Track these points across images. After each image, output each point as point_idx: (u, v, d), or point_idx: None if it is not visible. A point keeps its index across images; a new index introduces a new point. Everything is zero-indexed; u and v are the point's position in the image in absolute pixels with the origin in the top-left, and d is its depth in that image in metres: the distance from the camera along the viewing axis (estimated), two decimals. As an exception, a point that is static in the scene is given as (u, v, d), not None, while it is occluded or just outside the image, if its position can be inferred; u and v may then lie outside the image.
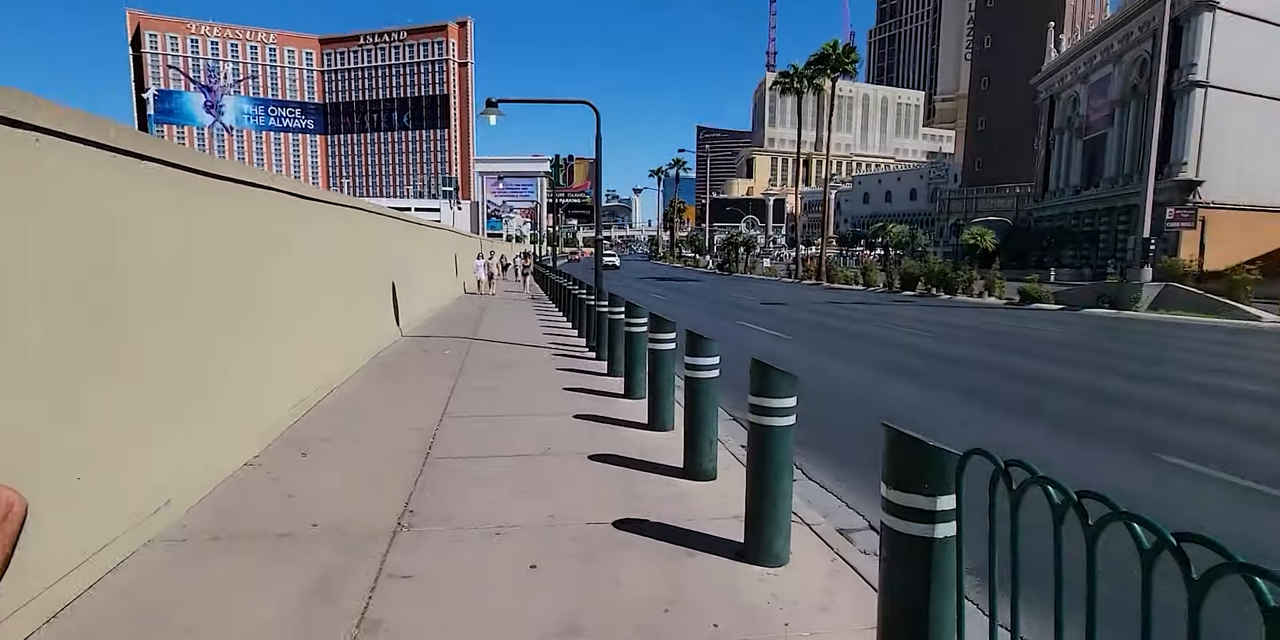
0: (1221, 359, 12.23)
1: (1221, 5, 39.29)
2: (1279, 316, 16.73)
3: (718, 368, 4.92)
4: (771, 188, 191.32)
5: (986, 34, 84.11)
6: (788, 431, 3.62)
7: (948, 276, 26.08)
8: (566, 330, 14.33)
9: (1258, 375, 10.71)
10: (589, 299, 11.87)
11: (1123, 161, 49.49)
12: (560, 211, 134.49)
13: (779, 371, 3.62)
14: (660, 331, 6.43)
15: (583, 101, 12.45)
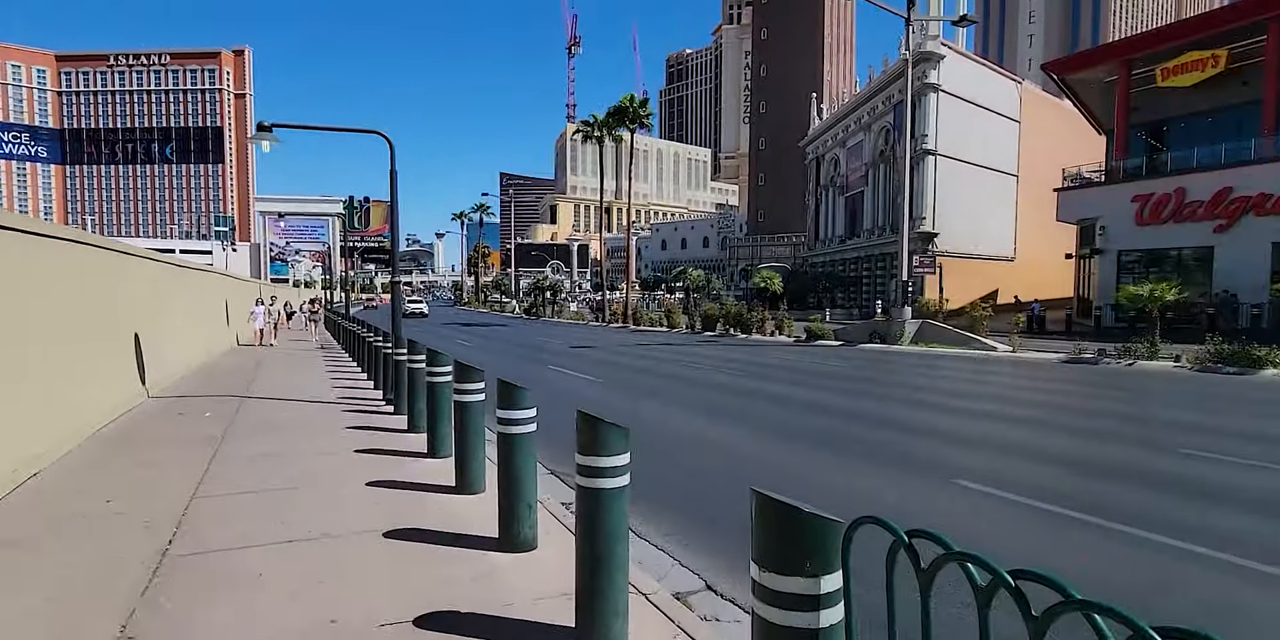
0: (976, 385, 13.87)
1: (942, 88, 46.96)
2: (1009, 347, 19.66)
3: (534, 420, 4.44)
4: (575, 233, 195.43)
5: (761, 100, 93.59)
6: (621, 493, 3.21)
7: (743, 317, 27.74)
8: (360, 382, 12.94)
9: (1009, 399, 12.18)
10: (385, 346, 10.78)
11: (877, 216, 56.75)
12: (356, 256, 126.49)
13: (609, 425, 3.22)
14: (467, 381, 5.77)
15: (374, 131, 11.44)
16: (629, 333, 33.04)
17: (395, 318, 11.50)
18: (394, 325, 11.10)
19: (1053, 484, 6.27)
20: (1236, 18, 29.70)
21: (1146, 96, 33.96)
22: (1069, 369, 16.49)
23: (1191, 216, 31.05)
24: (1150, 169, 33.35)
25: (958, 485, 6.18)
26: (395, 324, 11.26)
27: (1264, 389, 12.92)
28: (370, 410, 9.86)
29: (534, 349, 23.52)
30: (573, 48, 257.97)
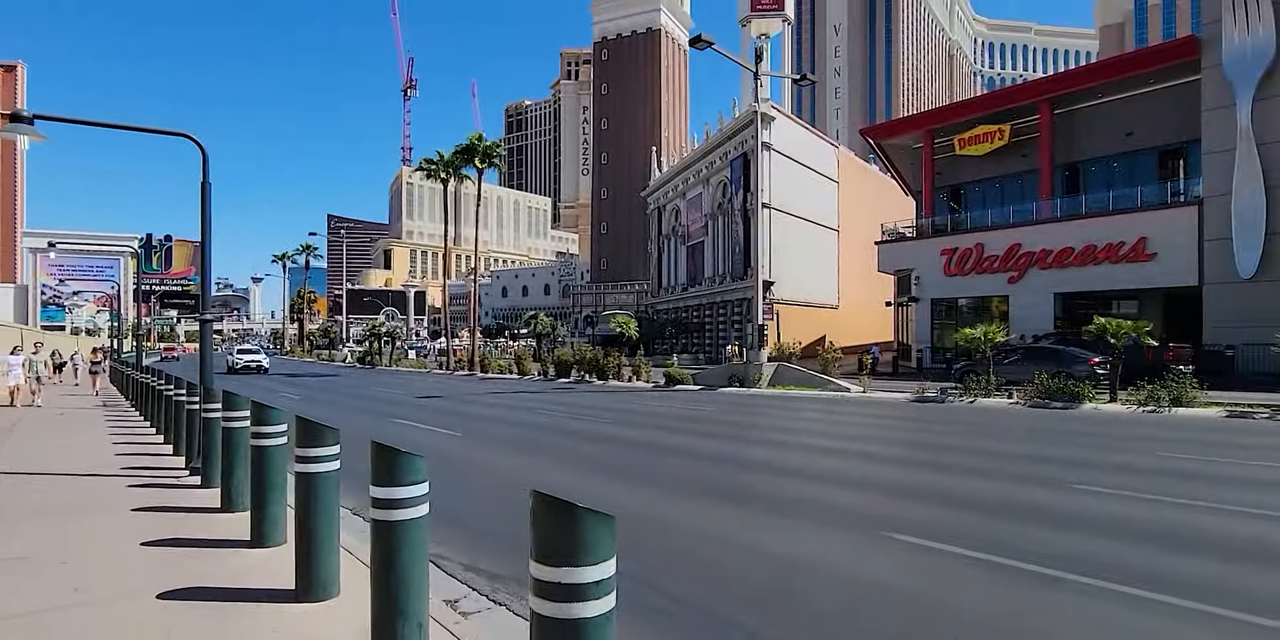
0: (844, 426, 13.95)
1: (774, 147, 50.37)
2: (860, 388, 20.43)
3: (336, 458, 4.23)
4: (411, 279, 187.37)
5: (603, 152, 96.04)
6: (419, 525, 3.10)
7: (599, 363, 26.98)
8: (155, 447, 10.53)
9: (882, 439, 12.21)
10: (190, 401, 8.76)
11: (718, 264, 59.11)
12: (154, 300, 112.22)
13: (402, 453, 3.19)
14: (266, 422, 5.08)
15: (182, 134, 9.30)
16: (478, 381, 31.10)
17: (204, 365, 9.45)
18: (202, 373, 9.08)
19: (968, 528, 5.89)
20: (1015, 98, 34.45)
21: (947, 162, 38.25)
22: (921, 408, 17.22)
23: (990, 268, 34.88)
24: (955, 226, 37.30)
25: (890, 538, 5.61)
26: (204, 372, 9.23)
27: (1097, 422, 14.05)
28: (168, 483, 7.81)
29: (374, 400, 21.16)
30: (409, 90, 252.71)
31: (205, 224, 8.23)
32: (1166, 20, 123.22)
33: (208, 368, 9.45)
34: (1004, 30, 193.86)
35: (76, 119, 7.92)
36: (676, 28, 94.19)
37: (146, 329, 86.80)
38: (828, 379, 21.17)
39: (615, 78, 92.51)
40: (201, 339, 9.68)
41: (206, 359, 9.52)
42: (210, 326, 10.09)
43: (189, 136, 8.73)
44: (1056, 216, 32.65)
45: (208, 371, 9.36)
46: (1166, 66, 29.21)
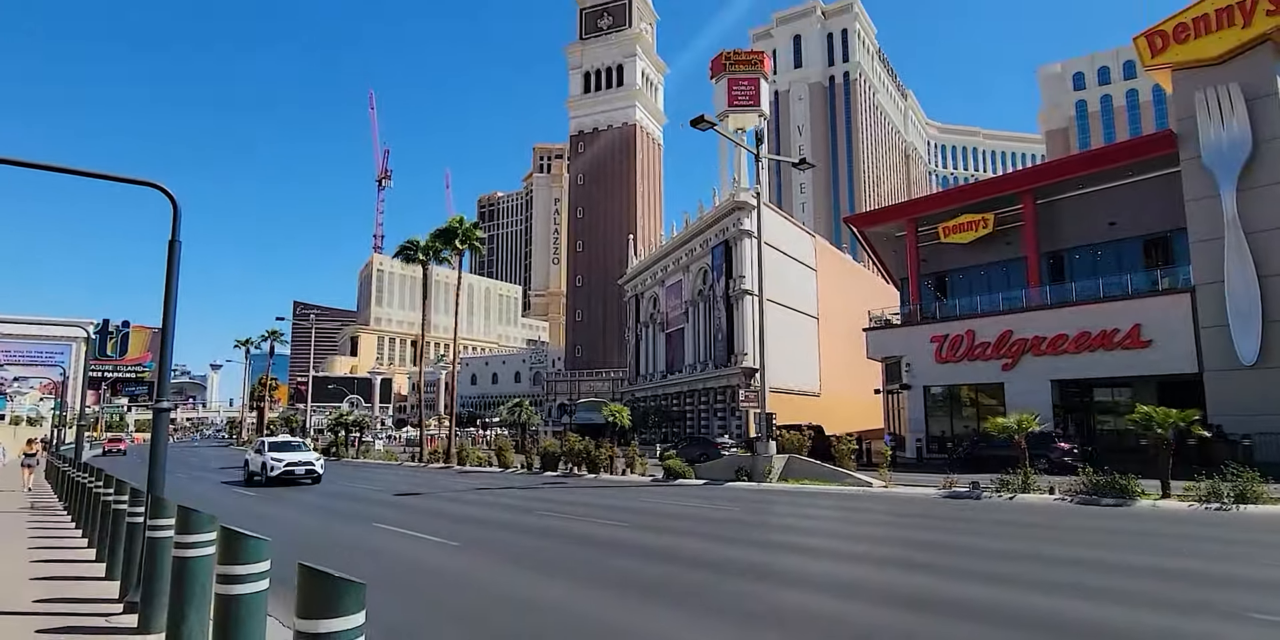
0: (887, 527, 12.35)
1: (755, 235, 50.78)
2: (883, 481, 18.84)
3: (265, 576, 3.84)
4: (378, 366, 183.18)
5: (579, 240, 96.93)
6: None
7: (591, 455, 25.06)
8: (85, 567, 8.54)
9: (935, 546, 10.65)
10: (133, 512, 6.98)
11: (699, 351, 58.18)
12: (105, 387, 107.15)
13: (339, 579, 2.78)
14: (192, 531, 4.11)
15: (151, 184, 8.09)
16: (456, 474, 28.73)
17: (156, 463, 7.67)
18: (152, 475, 7.31)
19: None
20: (999, 189, 35.19)
21: (931, 250, 38.52)
22: (957, 505, 15.69)
23: (983, 355, 34.31)
24: (943, 314, 37.04)
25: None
26: (155, 473, 7.46)
27: (1167, 521, 12.67)
28: (96, 629, 5.93)
29: (348, 499, 18.92)
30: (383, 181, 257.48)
31: (171, 286, 6.77)
32: (1106, 125, 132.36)
33: (160, 468, 7.66)
34: (954, 133, 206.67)
35: (33, 163, 6.62)
36: (651, 123, 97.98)
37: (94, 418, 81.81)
38: (845, 472, 19.60)
39: (591, 169, 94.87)
40: (156, 435, 7.93)
41: (159, 457, 7.76)
42: (165, 417, 8.34)
43: (159, 186, 7.42)
44: (1047, 303, 32.53)
45: (159, 473, 7.58)
46: (1144, 159, 30.09)
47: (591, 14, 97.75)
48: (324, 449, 49.88)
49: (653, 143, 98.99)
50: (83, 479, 12.59)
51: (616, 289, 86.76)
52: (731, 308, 51.19)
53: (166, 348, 7.57)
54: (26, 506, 16.44)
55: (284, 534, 12.18)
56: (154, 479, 7.52)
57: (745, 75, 55.70)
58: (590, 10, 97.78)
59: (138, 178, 6.88)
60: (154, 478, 7.54)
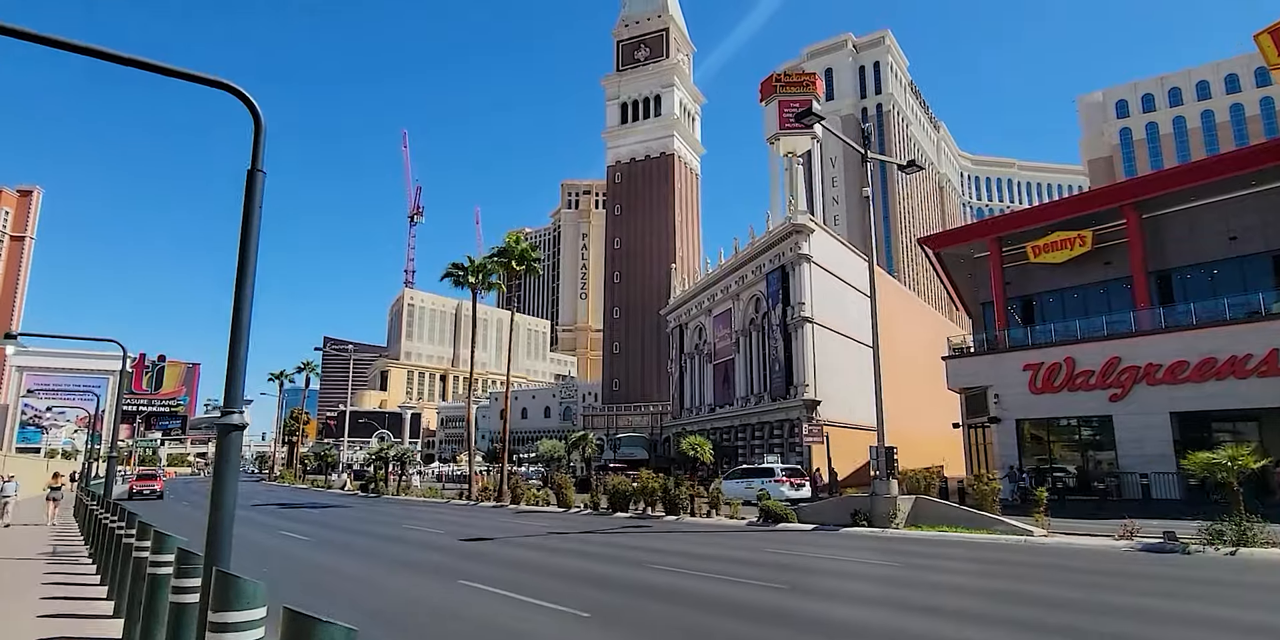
0: (1111, 601, 9.51)
1: (814, 259, 48.34)
2: (1043, 529, 15.84)
3: (259, 624, 3.49)
4: (408, 401, 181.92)
5: (616, 271, 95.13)
6: None
7: (671, 493, 22.26)
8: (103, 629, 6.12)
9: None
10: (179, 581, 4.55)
11: (752, 383, 55.18)
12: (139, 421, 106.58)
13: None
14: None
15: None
16: (514, 515, 26.06)
17: (218, 524, 4.97)
18: (213, 538, 4.75)
19: None
20: (1097, 203, 32.45)
21: (1015, 272, 35.71)
22: (1163, 562, 12.70)
23: (1085, 385, 31.13)
24: (1034, 339, 33.99)
25: None
26: (216, 535, 4.86)
27: None
28: None
29: (410, 545, 16.39)
30: (415, 216, 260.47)
31: (249, 235, 4.51)
32: (1153, 153, 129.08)
33: (224, 528, 4.88)
34: (988, 165, 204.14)
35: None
36: (688, 152, 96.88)
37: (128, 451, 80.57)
38: (993, 517, 16.61)
39: (628, 199, 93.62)
40: (221, 457, 5.36)
41: (224, 512, 4.98)
42: (237, 439, 5.88)
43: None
44: (1162, 327, 29.42)
45: (224, 536, 4.81)
46: (1270, 167, 27.28)
47: (628, 46, 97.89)
48: (362, 485, 47.56)
49: (690, 173, 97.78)
50: (111, 523, 10.27)
51: (656, 320, 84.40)
52: (790, 337, 48.42)
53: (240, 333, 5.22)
54: (48, 551, 14.16)
55: (357, 594, 9.67)
56: (216, 545, 4.80)
57: (797, 97, 54.06)
58: (627, 42, 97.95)
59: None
60: (216, 543, 4.82)
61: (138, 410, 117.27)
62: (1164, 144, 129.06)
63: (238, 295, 4.93)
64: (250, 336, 5.35)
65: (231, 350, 4.90)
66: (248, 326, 4.94)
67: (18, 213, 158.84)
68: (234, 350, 4.90)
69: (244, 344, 4.90)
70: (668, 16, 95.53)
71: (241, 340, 4.88)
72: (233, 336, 4.90)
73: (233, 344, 4.91)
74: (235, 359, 4.84)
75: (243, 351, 4.85)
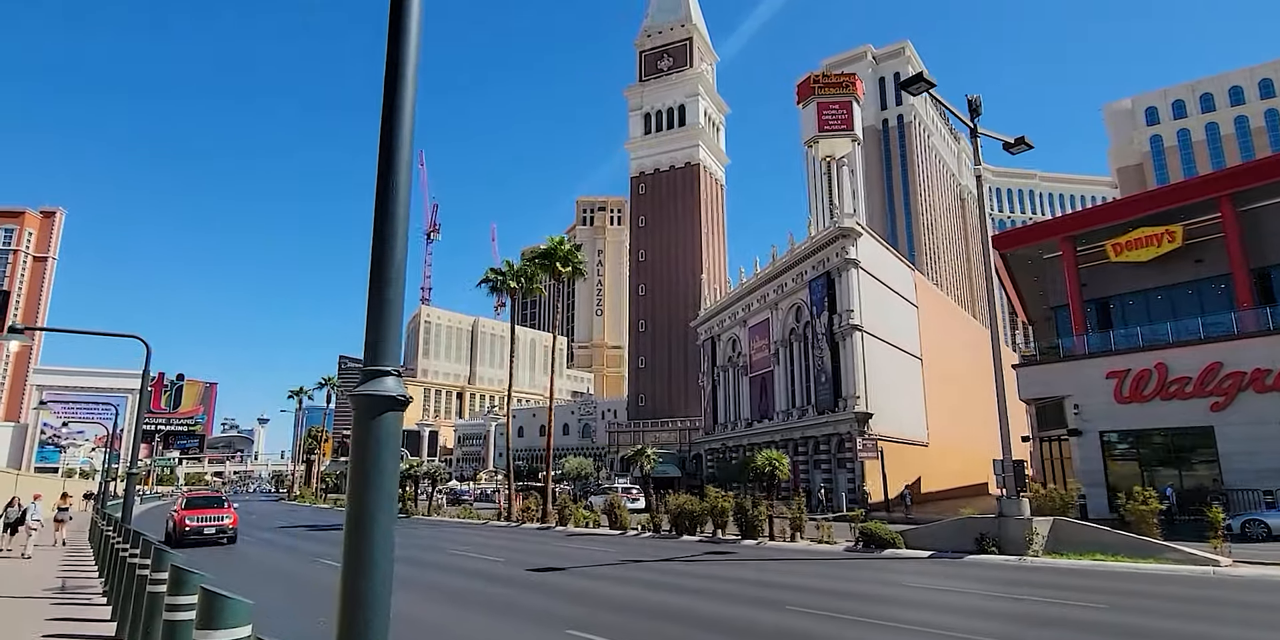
0: None
1: (861, 265, 45.98)
2: (1228, 558, 13.31)
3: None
4: (425, 418, 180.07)
5: (641, 284, 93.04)
6: None
7: (748, 514, 19.83)
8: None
9: None
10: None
11: (793, 396, 52.60)
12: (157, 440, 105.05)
13: None
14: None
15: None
16: (565, 538, 23.68)
17: (362, 596, 2.61)
18: (354, 613, 2.63)
19: None
20: (1187, 195, 30.01)
21: (1090, 272, 33.25)
22: None
23: (1181, 394, 28.52)
24: (1120, 345, 31.40)
25: None
26: (361, 608, 2.70)
27: None
28: None
29: (465, 575, 14.11)
30: (431, 234, 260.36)
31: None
32: (1185, 160, 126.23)
33: (375, 604, 2.47)
34: (1010, 177, 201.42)
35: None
36: (713, 162, 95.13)
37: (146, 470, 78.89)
38: (1158, 543, 14.09)
39: (653, 211, 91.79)
40: (364, 473, 3.35)
41: (374, 568, 2.59)
42: (394, 424, 3.90)
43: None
44: (1270, 328, 26.82)
45: (376, 608, 2.43)
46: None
47: (651, 56, 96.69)
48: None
49: (716, 183, 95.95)
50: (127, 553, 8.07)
51: (684, 333, 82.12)
52: (837, 346, 45.92)
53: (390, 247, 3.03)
54: (56, 588, 12.00)
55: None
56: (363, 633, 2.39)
57: (836, 98, 52.04)
58: (650, 52, 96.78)
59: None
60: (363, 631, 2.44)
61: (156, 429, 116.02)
62: (1197, 151, 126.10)
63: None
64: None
65: (379, 274, 2.63)
66: (403, 239, 2.73)
67: (40, 233, 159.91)
68: (383, 272, 2.63)
69: (397, 265, 2.69)
70: (691, 26, 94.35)
71: (392, 258, 2.65)
72: (378, 256, 2.65)
73: (380, 266, 2.64)
74: (386, 284, 2.63)
75: (395, 276, 2.66)
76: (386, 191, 2.71)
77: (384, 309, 2.62)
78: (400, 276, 2.69)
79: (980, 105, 17.30)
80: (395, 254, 2.66)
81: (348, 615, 2.37)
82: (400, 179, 2.77)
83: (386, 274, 2.64)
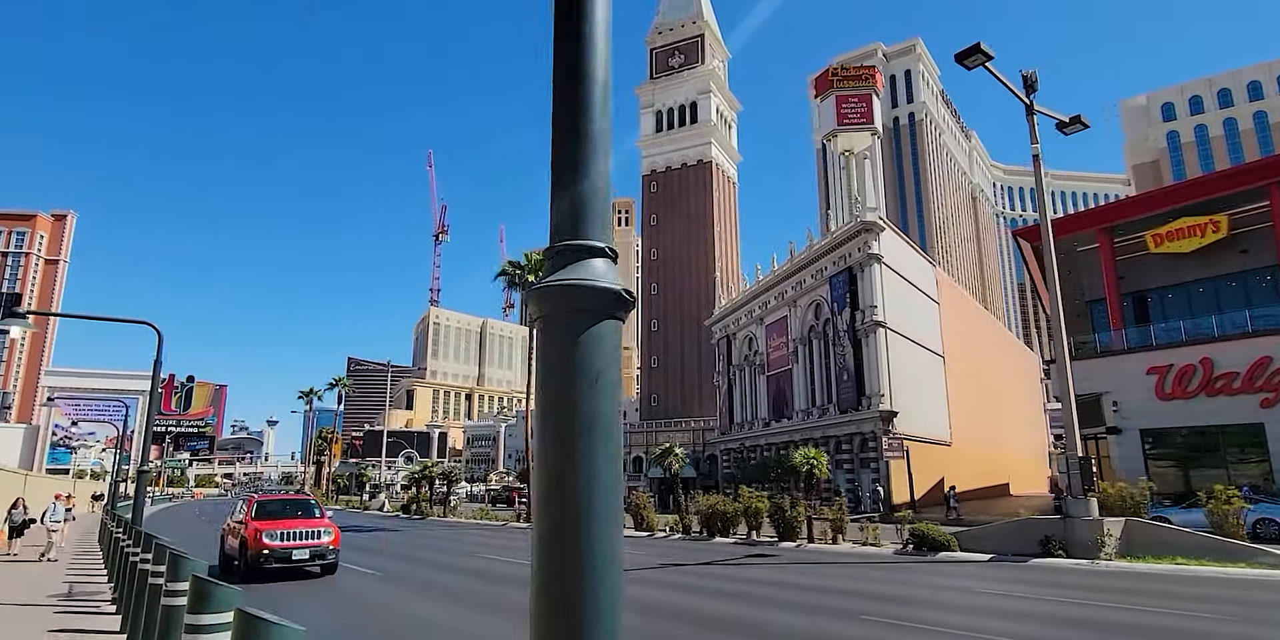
0: None
1: (884, 260, 44.90)
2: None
3: None
4: (434, 420, 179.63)
5: (653, 283, 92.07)
6: None
7: (786, 515, 18.86)
8: None
9: None
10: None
11: (813, 395, 51.49)
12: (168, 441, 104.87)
13: None
14: None
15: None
16: (591, 541, 22.74)
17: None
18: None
19: None
20: (1231, 184, 28.89)
21: (1127, 265, 32.13)
22: None
23: (1227, 389, 27.41)
24: (1161, 339, 30.28)
25: None
26: None
27: None
28: None
29: (498, 582, 13.23)
30: (440, 235, 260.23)
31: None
32: (1203, 156, 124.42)
33: None
34: (1020, 175, 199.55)
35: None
36: (726, 160, 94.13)
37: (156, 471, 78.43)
38: (1249, 546, 13.05)
39: (665, 209, 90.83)
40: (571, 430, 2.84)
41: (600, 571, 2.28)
42: (614, 335, 3.25)
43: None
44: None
45: None
46: None
47: (662, 53, 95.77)
48: (403, 506, 44.47)
49: (728, 181, 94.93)
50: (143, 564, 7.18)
51: (697, 332, 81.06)
52: (860, 343, 44.84)
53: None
54: (62, 594, 11.16)
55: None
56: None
57: (855, 92, 50.98)
58: (661, 50, 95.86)
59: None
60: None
61: (166, 430, 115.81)
62: (1215, 146, 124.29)
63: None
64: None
65: (571, 101, 1.67)
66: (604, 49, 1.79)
67: (52, 236, 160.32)
68: (579, 100, 1.67)
69: (598, 96, 1.73)
70: (703, 22, 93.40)
71: (591, 79, 1.69)
72: (566, 81, 1.70)
73: (571, 94, 1.68)
74: (584, 118, 1.68)
75: (596, 108, 1.70)
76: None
77: (585, 159, 1.65)
78: (605, 113, 1.74)
79: (1036, 81, 16.33)
80: (595, 74, 1.72)
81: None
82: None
83: (584, 102, 1.67)
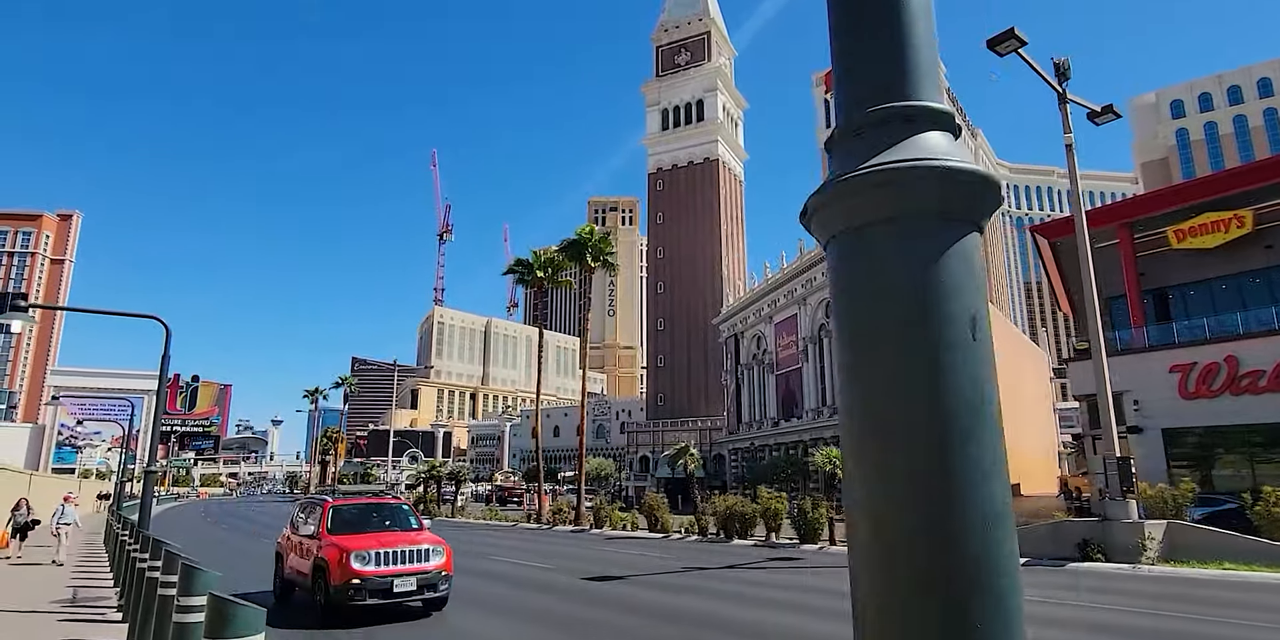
0: None
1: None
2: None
3: None
4: (439, 419, 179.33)
5: (660, 281, 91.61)
6: None
7: (807, 516, 18.32)
8: None
9: None
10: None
11: (823, 394, 51.01)
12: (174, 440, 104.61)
13: None
14: None
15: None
16: (605, 541, 22.27)
17: None
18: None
19: None
20: (1256, 178, 28.28)
21: (1147, 261, 31.53)
22: None
23: (1254, 388, 26.76)
24: (1184, 337, 29.66)
25: None
26: None
27: None
28: None
29: (517, 586, 12.74)
30: (444, 235, 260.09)
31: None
32: (1212, 154, 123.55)
33: None
34: (1027, 173, 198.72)
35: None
36: (732, 158, 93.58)
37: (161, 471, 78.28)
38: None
39: (671, 208, 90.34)
40: None
41: None
42: None
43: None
44: (1354, 317, 25.07)
45: None
46: None
47: (668, 51, 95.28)
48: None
49: (735, 179, 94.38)
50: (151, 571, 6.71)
51: (704, 331, 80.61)
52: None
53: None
54: (65, 600, 10.71)
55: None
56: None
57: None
58: (667, 47, 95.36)
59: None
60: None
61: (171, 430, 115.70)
62: (1225, 144, 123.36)
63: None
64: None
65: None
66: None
67: (58, 236, 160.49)
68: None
69: None
70: (709, 20, 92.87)
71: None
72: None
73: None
74: None
75: None
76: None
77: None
78: None
79: (1069, 69, 15.81)
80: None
81: None
82: None
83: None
